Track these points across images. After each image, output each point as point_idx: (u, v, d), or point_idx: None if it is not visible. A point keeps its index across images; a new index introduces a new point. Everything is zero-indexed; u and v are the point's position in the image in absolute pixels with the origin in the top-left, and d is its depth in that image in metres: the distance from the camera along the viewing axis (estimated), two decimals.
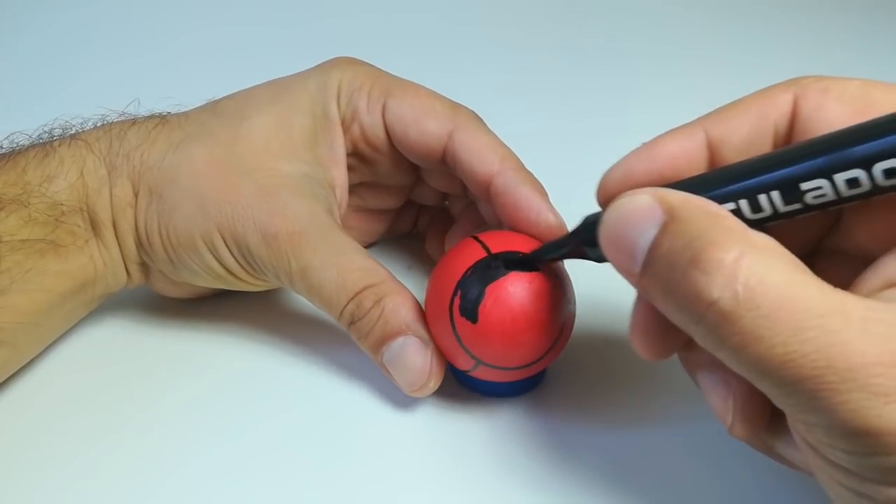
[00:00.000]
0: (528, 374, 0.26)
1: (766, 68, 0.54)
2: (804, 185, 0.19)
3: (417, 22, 0.58)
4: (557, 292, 0.25)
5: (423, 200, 0.34)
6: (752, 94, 0.22)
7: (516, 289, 0.24)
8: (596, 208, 0.23)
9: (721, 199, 0.20)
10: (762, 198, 0.20)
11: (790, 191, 0.19)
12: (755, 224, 0.20)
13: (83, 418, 0.27)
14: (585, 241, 0.23)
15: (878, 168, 0.18)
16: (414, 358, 0.26)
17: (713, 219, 0.18)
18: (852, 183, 0.19)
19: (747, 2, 0.62)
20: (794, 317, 0.16)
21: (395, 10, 0.59)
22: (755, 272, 0.17)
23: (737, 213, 0.20)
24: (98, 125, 0.29)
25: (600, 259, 0.22)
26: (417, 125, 0.29)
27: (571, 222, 0.27)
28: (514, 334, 0.24)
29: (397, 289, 0.27)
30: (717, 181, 0.21)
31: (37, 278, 0.26)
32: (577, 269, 0.26)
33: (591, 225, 0.22)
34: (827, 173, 0.19)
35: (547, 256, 0.25)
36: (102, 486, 0.25)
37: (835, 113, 0.21)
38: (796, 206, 0.20)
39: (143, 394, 0.28)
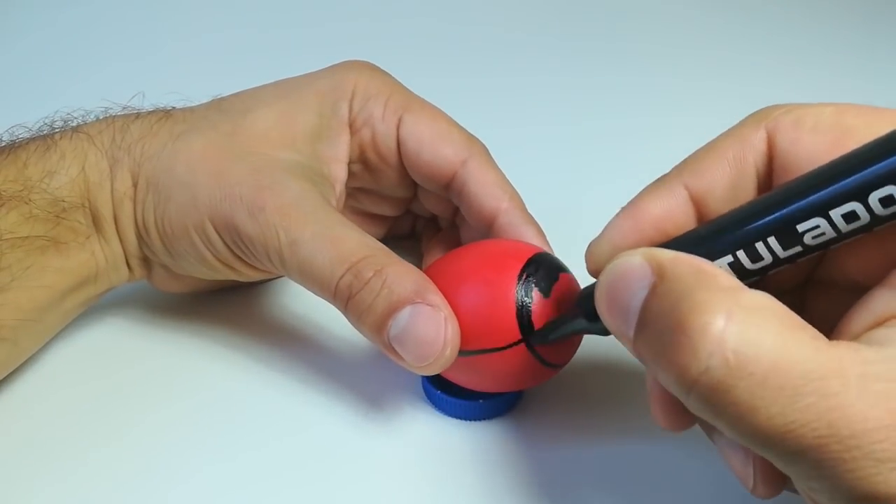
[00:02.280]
0: (550, 375, 0.25)
1: (770, 68, 0.53)
2: (801, 227, 0.18)
3: (417, 24, 0.58)
4: None
5: (419, 212, 0.34)
6: (722, 136, 0.22)
7: (576, 287, 0.25)
8: (584, 229, 0.23)
9: (718, 254, 0.20)
10: (759, 245, 0.19)
11: (787, 234, 0.19)
12: (759, 273, 0.20)
13: (79, 423, 0.27)
14: (586, 313, 0.22)
15: (874, 197, 0.17)
16: (426, 326, 0.23)
17: (701, 277, 0.17)
18: (850, 217, 0.18)
19: (749, 1, 0.62)
20: (790, 382, 0.15)
21: (396, 11, 0.60)
22: (745, 337, 0.16)
23: (736, 265, 0.20)
24: (101, 118, 0.29)
25: (604, 331, 0.21)
26: (433, 147, 0.29)
27: (571, 223, 0.26)
28: None
29: (399, 259, 0.24)
30: (711, 235, 0.20)
31: (37, 275, 0.26)
32: None
33: (588, 297, 0.21)
34: (822, 211, 0.18)
35: (552, 336, 0.24)
36: (97, 489, 0.25)
37: (812, 145, 0.20)
38: (797, 248, 0.19)
39: (140, 399, 0.28)
